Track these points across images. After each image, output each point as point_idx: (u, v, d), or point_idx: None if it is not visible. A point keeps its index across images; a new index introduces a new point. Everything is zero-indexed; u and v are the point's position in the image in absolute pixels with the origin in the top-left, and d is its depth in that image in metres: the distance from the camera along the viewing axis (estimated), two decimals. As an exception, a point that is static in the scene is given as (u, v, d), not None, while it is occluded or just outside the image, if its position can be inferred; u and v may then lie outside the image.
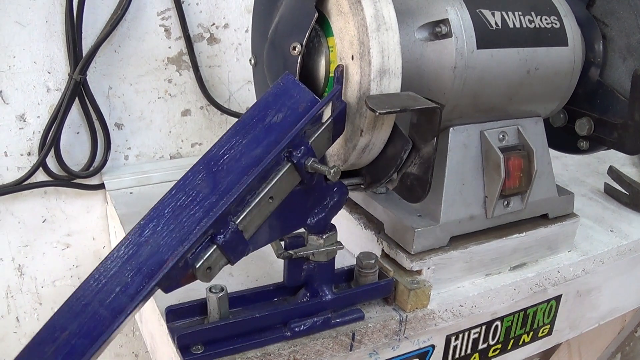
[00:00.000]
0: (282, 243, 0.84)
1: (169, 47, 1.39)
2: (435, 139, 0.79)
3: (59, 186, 1.36)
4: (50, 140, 1.30)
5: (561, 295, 1.13)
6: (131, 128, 1.41)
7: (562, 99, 1.05)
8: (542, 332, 1.15)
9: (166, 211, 0.71)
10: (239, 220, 0.70)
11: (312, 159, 0.74)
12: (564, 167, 1.54)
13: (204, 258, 0.68)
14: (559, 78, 1.00)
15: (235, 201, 0.68)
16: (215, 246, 0.69)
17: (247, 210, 0.71)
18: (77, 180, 1.37)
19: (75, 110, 1.33)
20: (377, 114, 0.72)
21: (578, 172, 1.53)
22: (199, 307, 0.84)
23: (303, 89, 0.78)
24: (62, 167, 1.34)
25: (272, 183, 0.72)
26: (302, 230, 0.84)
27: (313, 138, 0.76)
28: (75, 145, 1.36)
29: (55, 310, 0.66)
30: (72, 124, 1.34)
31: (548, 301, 1.11)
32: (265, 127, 0.75)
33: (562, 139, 1.16)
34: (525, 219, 1.05)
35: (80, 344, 0.63)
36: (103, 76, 1.35)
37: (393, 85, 0.79)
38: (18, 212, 1.36)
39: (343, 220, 1.08)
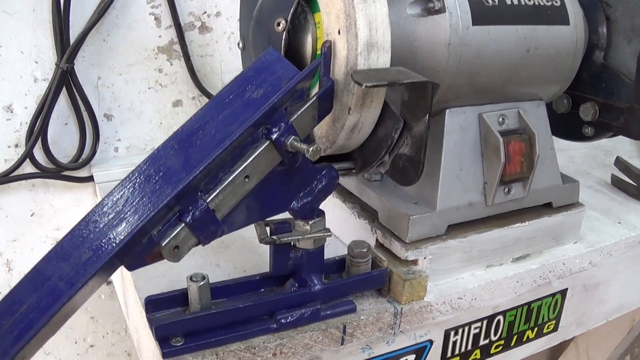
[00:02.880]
0: (268, 229, 0.79)
1: (159, 36, 1.36)
2: (428, 116, 0.74)
3: (46, 178, 1.33)
4: (37, 131, 1.26)
5: (567, 288, 1.08)
6: (121, 119, 1.38)
7: (564, 81, 1.01)
8: (547, 328, 1.11)
9: (134, 186, 0.67)
10: (210, 199, 0.67)
11: (293, 137, 0.69)
12: (570, 159, 1.51)
13: (171, 236, 0.65)
14: (561, 58, 0.96)
15: (202, 175, 0.65)
16: (183, 224, 0.66)
17: (220, 189, 0.67)
18: (66, 173, 1.34)
19: (64, 100, 1.30)
20: (363, 87, 0.68)
21: (584, 164, 1.49)
22: (181, 297, 0.79)
23: (286, 64, 0.73)
24: (50, 159, 1.31)
25: (249, 161, 0.68)
26: (290, 216, 0.80)
27: (295, 116, 0.71)
28: (63, 136, 1.33)
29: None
30: (60, 115, 1.31)
31: (553, 295, 1.07)
32: (243, 102, 0.70)
33: (566, 125, 1.12)
34: (528, 208, 1.01)
35: (38, 317, 0.61)
36: (92, 66, 1.31)
37: (382, 59, 0.74)
38: (6, 205, 1.32)
39: (336, 209, 1.04)
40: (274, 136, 0.69)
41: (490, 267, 0.98)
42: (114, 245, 0.62)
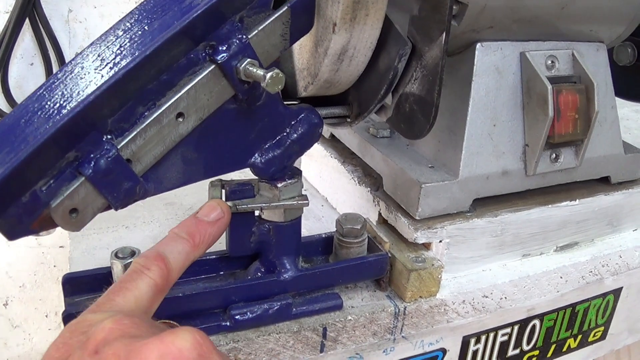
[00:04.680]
0: (223, 192, 0.59)
1: (143, -38, 1.17)
2: (444, 36, 0.52)
3: (7, 129, 1.15)
4: (-4, 71, 1.09)
5: (622, 288, 0.88)
6: (95, 61, 1.19)
7: (632, 20, 0.79)
8: (594, 336, 0.90)
9: (17, 125, 0.46)
10: (123, 143, 0.46)
11: (248, 60, 0.48)
12: (626, 130, 1.27)
13: (65, 194, 0.45)
14: (632, -14, 0.74)
15: (106, 104, 0.44)
16: (83, 178, 0.45)
17: (138, 130, 0.46)
18: (29, 122, 1.15)
19: (29, 37, 1.13)
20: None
21: (644, 135, 1.28)
22: (106, 278, 0.59)
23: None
24: (12, 105, 1.14)
25: (183, 91, 0.47)
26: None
27: (255, 32, 0.49)
28: (28, 79, 1.16)
29: None
30: (24, 54, 1.14)
31: (604, 295, 0.86)
32: (182, 10, 0.49)
33: (629, 81, 0.93)
34: (579, 182, 0.80)
35: None
36: (61, -4, 1.14)
37: (382, -48, 0.52)
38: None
39: (334, 174, 0.84)
40: (220, 57, 0.48)
41: (527, 257, 0.78)
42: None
